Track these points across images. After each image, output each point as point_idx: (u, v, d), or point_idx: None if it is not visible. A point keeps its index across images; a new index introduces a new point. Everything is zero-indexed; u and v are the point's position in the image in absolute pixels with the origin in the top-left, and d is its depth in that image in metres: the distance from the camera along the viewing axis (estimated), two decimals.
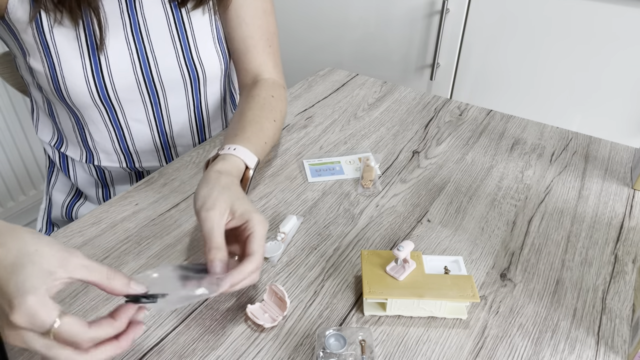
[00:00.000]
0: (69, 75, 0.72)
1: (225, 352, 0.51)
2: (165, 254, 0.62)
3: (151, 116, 0.81)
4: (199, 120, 0.87)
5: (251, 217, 0.54)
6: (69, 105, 0.76)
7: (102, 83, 0.74)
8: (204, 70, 0.80)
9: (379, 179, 0.76)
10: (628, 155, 0.83)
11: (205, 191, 0.55)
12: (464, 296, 0.53)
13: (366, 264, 0.56)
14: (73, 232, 0.65)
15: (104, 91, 0.74)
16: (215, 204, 0.53)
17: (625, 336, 0.54)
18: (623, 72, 1.25)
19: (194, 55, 0.79)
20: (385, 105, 0.96)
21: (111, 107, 0.77)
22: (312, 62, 1.74)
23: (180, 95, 0.82)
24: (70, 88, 0.73)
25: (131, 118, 0.80)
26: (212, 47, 0.80)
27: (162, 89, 0.79)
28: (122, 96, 0.77)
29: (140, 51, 0.75)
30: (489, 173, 0.78)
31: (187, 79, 0.80)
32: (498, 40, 1.37)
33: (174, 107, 0.82)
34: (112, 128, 0.80)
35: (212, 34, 0.80)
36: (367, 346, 0.50)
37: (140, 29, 0.75)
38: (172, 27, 0.77)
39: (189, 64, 0.79)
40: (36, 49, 0.71)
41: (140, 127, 0.82)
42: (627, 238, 0.66)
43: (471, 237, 0.66)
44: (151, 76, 0.77)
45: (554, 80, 1.35)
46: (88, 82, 0.73)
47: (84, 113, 0.78)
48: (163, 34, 0.77)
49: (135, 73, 0.76)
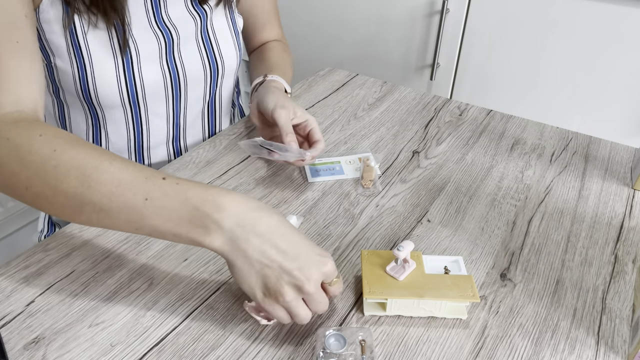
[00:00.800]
0: (100, 76, 0.72)
1: (225, 352, 0.51)
2: (165, 254, 0.62)
3: (170, 110, 0.83)
4: (211, 112, 0.89)
5: (308, 117, 0.73)
6: (92, 106, 0.77)
7: (133, 82, 0.75)
8: (223, 64, 0.84)
9: (379, 179, 0.76)
10: (628, 155, 0.83)
11: (273, 97, 0.74)
12: (464, 296, 0.53)
13: (366, 264, 0.56)
14: (73, 231, 0.65)
15: (133, 90, 0.75)
16: (285, 105, 0.72)
17: (625, 336, 0.54)
18: (623, 72, 1.25)
19: (215, 50, 0.82)
20: (385, 105, 0.96)
21: (137, 105, 0.78)
22: (312, 62, 1.74)
23: (199, 89, 0.84)
24: (100, 90, 0.73)
25: (153, 113, 0.81)
26: (230, 41, 0.84)
27: (185, 84, 0.81)
28: (149, 93, 0.78)
29: (169, 48, 0.77)
30: (489, 173, 0.78)
31: (207, 73, 0.83)
32: (498, 40, 1.37)
33: (192, 100, 0.84)
34: (132, 125, 0.81)
35: (230, 28, 0.83)
36: (367, 346, 0.50)
37: (167, 25, 0.76)
38: (196, 22, 0.79)
39: (211, 58, 0.81)
40: (65, 51, 0.71)
41: (158, 121, 0.83)
42: (627, 238, 0.66)
43: (471, 237, 0.66)
44: (177, 72, 0.79)
45: (554, 80, 1.35)
46: (119, 82, 0.73)
47: (107, 113, 0.78)
48: (187, 30, 0.78)
49: (163, 70, 0.77)
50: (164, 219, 0.47)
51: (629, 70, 1.24)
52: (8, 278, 0.58)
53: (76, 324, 0.53)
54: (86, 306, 0.55)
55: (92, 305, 0.55)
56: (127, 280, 0.59)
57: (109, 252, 0.62)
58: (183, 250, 0.63)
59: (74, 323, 0.53)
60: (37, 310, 0.55)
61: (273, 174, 0.77)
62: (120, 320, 0.54)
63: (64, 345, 0.51)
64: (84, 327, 0.53)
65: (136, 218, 0.48)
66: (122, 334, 0.52)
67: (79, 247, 0.63)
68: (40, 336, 0.52)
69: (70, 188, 0.48)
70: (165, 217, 0.47)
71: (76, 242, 0.63)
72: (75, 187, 0.48)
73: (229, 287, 0.58)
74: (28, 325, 0.53)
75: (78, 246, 0.63)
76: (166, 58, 0.77)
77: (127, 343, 0.52)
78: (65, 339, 0.52)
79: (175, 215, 0.47)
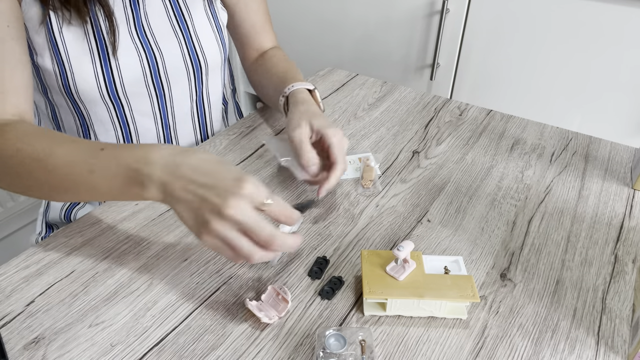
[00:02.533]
0: (79, 72, 0.72)
1: (225, 352, 0.51)
2: (165, 254, 0.62)
3: (156, 108, 0.82)
4: (201, 111, 0.89)
5: (325, 132, 0.67)
6: (76, 104, 0.77)
7: (112, 79, 0.75)
8: (205, 59, 0.83)
9: (379, 179, 0.76)
10: (628, 155, 0.83)
11: (289, 118, 0.72)
12: (464, 296, 0.53)
13: (366, 264, 0.56)
14: (73, 232, 0.65)
15: (112, 87, 0.75)
16: (300, 123, 0.69)
17: (625, 336, 0.54)
18: (623, 72, 1.25)
19: (196, 45, 0.81)
20: (385, 105, 0.96)
21: (119, 102, 0.78)
22: (312, 62, 1.74)
23: (183, 86, 0.83)
24: (79, 85, 0.73)
25: (137, 112, 0.81)
26: (212, 36, 0.83)
27: (167, 81, 0.81)
28: (130, 90, 0.78)
29: (145, 45, 0.77)
30: (489, 173, 0.78)
31: (190, 69, 0.82)
32: (498, 40, 1.37)
33: (178, 98, 0.84)
34: (119, 125, 0.81)
35: (211, 23, 0.83)
36: (367, 346, 0.50)
37: (143, 23, 0.76)
38: (172, 18, 0.79)
39: (192, 53, 0.81)
40: (45, 48, 0.71)
41: (146, 121, 0.82)
42: (627, 238, 0.66)
43: (471, 237, 0.66)
44: (157, 68, 0.79)
45: (553, 80, 1.35)
46: (97, 79, 0.74)
47: (91, 112, 0.78)
48: (165, 26, 0.78)
49: (143, 67, 0.77)
50: (108, 184, 0.53)
51: (629, 70, 1.24)
52: (8, 278, 0.58)
53: (76, 324, 0.53)
54: (86, 306, 0.55)
55: (92, 305, 0.55)
56: (127, 280, 0.59)
57: (109, 252, 0.62)
58: (183, 250, 0.63)
59: (74, 323, 0.53)
60: (37, 310, 0.55)
61: (273, 174, 0.77)
62: (120, 320, 0.54)
63: (64, 345, 0.51)
64: (84, 327, 0.53)
65: (90, 188, 0.55)
66: (122, 334, 0.52)
67: (79, 247, 0.63)
68: (40, 336, 0.52)
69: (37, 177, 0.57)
70: (109, 182, 0.53)
71: (76, 242, 0.63)
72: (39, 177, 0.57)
73: (229, 287, 0.58)
74: (28, 325, 0.53)
75: (78, 246, 0.63)
76: (145, 53, 0.77)
77: (127, 343, 0.52)
78: (65, 339, 0.52)
79: (116, 179, 0.53)
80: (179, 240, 0.64)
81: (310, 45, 1.73)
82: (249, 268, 0.60)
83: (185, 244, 0.63)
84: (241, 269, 0.60)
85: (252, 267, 0.61)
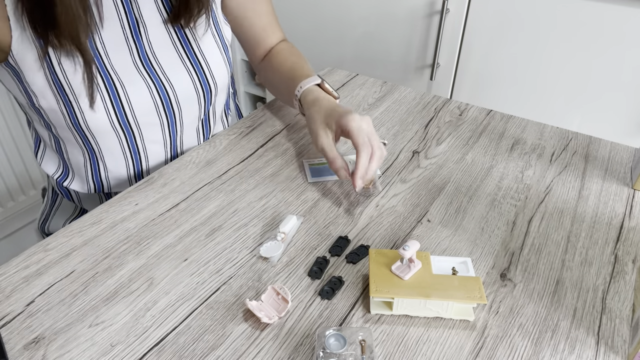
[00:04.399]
0: (87, 108, 0.71)
1: (225, 352, 0.51)
2: (165, 254, 0.62)
3: (167, 134, 0.82)
4: (206, 127, 0.88)
5: (341, 122, 0.68)
6: (84, 137, 0.76)
7: (122, 112, 0.74)
8: (215, 83, 0.82)
9: (379, 179, 0.76)
10: (628, 155, 0.83)
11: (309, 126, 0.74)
12: (471, 297, 0.53)
13: (373, 263, 0.56)
14: (73, 232, 0.65)
15: (123, 118, 0.74)
16: (318, 132, 0.71)
17: (625, 336, 0.54)
18: (623, 72, 1.25)
19: (206, 70, 0.80)
20: (385, 105, 0.96)
21: (131, 133, 0.77)
22: (312, 62, 1.74)
23: (194, 110, 0.83)
24: (90, 121, 0.72)
25: (149, 140, 0.80)
26: (220, 58, 0.82)
27: (178, 108, 0.80)
28: (142, 121, 0.77)
29: (153, 76, 0.76)
30: (489, 173, 0.78)
31: (200, 94, 0.81)
32: (498, 40, 1.37)
33: (188, 121, 0.83)
34: (130, 153, 0.80)
35: (218, 45, 0.81)
36: (367, 346, 0.50)
37: (147, 54, 0.75)
38: (179, 47, 0.77)
39: (202, 79, 0.80)
40: (48, 89, 0.70)
41: (156, 147, 0.82)
42: (627, 238, 0.66)
43: (471, 237, 0.66)
44: (168, 98, 0.78)
45: (553, 80, 1.35)
46: (108, 113, 0.73)
47: (102, 143, 0.77)
48: (172, 56, 0.77)
49: (153, 98, 0.76)
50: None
51: (629, 70, 1.24)
52: (8, 278, 0.58)
53: (76, 324, 0.53)
54: (86, 306, 0.55)
55: (92, 305, 0.55)
56: (127, 280, 0.59)
57: (109, 252, 0.62)
58: (183, 250, 0.63)
59: (74, 323, 0.53)
60: (37, 310, 0.55)
61: (273, 174, 0.77)
62: (120, 320, 0.54)
63: (64, 345, 0.51)
64: (84, 327, 0.53)
65: None
66: (122, 334, 0.52)
67: (79, 247, 0.63)
68: (40, 336, 0.52)
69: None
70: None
71: (76, 242, 0.63)
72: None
73: (229, 287, 0.58)
74: (28, 325, 0.53)
75: (78, 246, 0.63)
76: (154, 85, 0.76)
77: (127, 343, 0.52)
78: (65, 339, 0.52)
79: None
80: (179, 240, 0.64)
81: (310, 45, 1.73)
82: (249, 268, 0.60)
83: (185, 244, 0.64)
84: (241, 269, 0.60)
85: (252, 266, 0.61)
